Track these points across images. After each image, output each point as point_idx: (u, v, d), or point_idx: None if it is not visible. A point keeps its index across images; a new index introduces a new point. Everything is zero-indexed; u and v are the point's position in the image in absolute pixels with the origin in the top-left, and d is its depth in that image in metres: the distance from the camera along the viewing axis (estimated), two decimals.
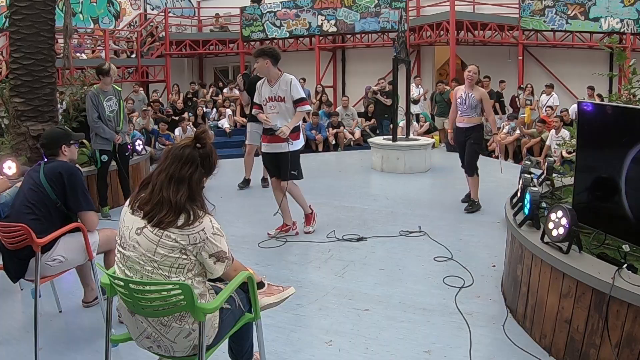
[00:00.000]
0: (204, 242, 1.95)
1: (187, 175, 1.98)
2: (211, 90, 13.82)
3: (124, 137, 5.72)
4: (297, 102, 4.54)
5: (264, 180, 6.92)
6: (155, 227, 1.92)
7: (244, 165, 6.91)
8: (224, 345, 2.30)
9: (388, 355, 2.77)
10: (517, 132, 9.99)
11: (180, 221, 1.93)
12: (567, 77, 11.88)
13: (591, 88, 9.82)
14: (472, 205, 5.60)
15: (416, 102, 11.77)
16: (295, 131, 4.58)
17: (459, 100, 5.56)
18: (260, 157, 6.35)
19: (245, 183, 6.92)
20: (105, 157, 5.56)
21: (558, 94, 10.91)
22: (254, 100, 4.76)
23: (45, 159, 3.00)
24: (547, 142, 9.20)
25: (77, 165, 3.12)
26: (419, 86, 12.11)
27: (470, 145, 5.58)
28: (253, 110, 4.86)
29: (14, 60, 5.63)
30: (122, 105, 5.73)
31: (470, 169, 5.65)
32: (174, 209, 1.92)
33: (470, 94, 5.48)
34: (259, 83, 4.73)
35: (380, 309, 3.31)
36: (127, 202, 2.06)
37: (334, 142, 11.13)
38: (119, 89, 5.80)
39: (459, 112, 5.60)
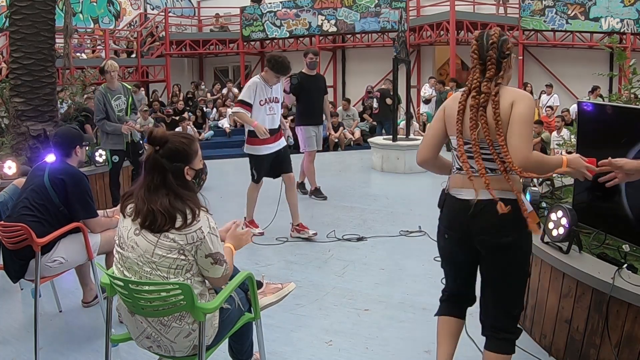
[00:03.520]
0: (200, 241, 1.94)
1: (159, 181, 1.95)
2: (214, 88, 13.83)
3: (135, 134, 5.43)
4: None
5: (302, 186, 6.44)
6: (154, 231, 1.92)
7: (306, 175, 6.29)
8: (224, 345, 2.30)
9: (388, 355, 2.77)
10: None
11: (178, 223, 1.91)
12: (567, 77, 11.89)
13: (596, 88, 9.75)
14: None
15: (427, 101, 11.61)
16: (251, 135, 4.61)
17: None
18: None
19: (318, 192, 6.22)
20: (116, 158, 5.34)
21: (558, 94, 10.91)
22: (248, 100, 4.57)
23: (46, 159, 2.98)
24: (552, 146, 9.17)
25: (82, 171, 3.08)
26: (432, 87, 11.66)
27: (511, 261, 2.05)
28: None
29: (14, 60, 5.64)
30: (129, 104, 5.46)
31: (510, 321, 2.15)
32: (166, 216, 1.90)
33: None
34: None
35: (380, 309, 3.31)
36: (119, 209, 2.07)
37: (335, 142, 11.13)
38: (129, 87, 5.61)
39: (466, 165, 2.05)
